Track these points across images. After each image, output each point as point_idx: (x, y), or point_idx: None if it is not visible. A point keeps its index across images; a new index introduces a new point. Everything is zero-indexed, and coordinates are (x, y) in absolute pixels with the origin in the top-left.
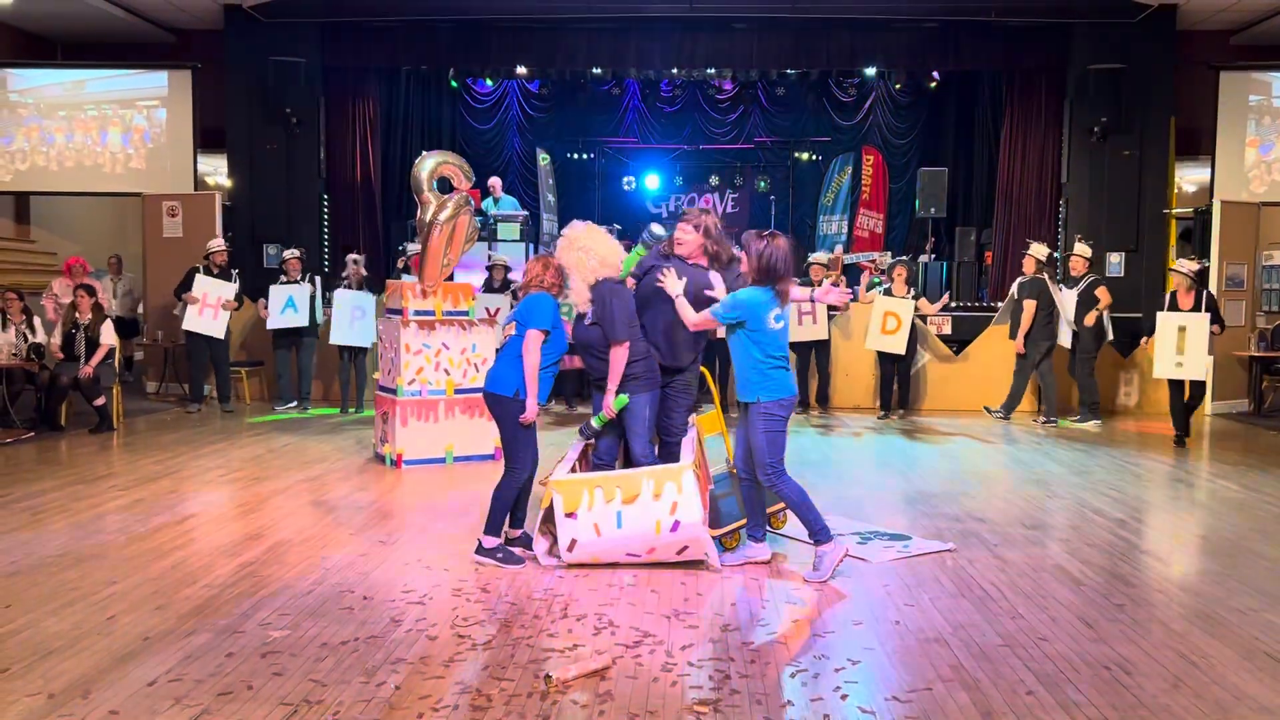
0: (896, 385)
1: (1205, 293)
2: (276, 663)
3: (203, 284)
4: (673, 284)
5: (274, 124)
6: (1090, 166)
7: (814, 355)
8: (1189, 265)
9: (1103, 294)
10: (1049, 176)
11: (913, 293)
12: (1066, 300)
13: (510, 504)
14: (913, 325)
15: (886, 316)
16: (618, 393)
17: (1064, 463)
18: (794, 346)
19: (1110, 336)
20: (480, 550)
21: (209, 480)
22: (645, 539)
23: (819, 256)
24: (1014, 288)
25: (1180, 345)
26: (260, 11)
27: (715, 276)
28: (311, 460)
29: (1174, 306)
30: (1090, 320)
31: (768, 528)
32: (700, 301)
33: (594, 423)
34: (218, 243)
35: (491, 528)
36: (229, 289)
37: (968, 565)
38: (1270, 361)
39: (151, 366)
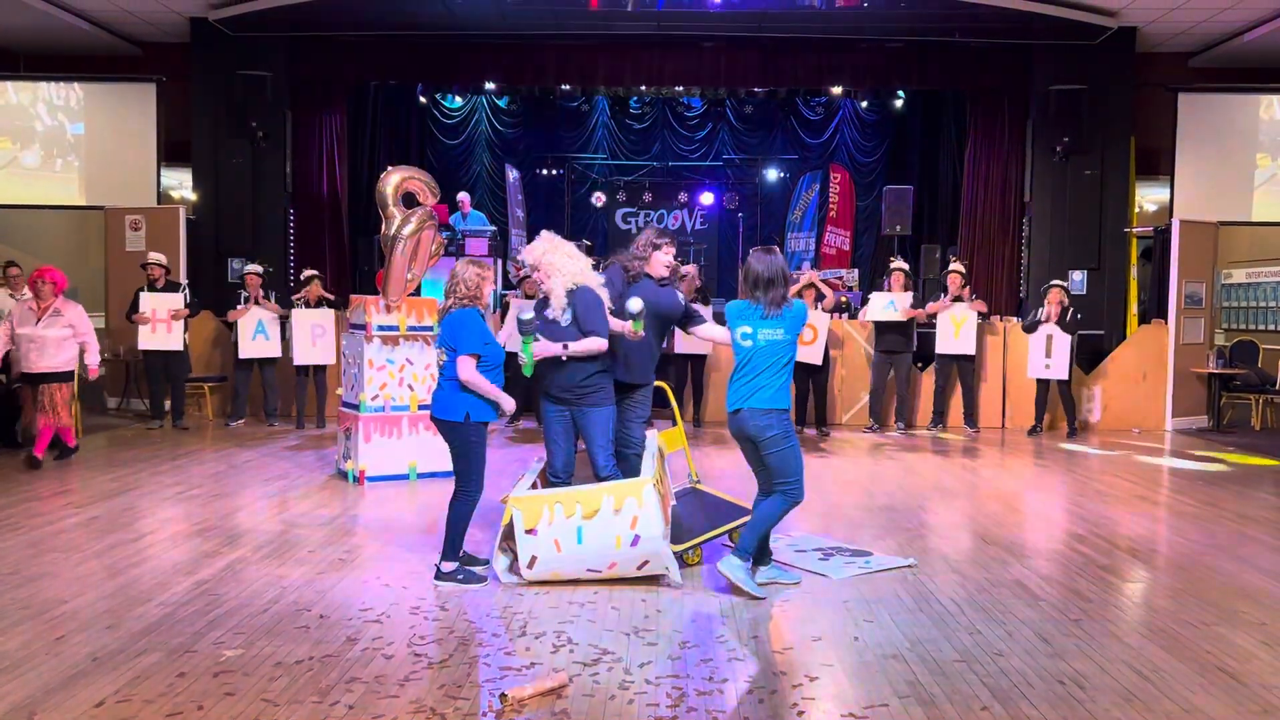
0: (813, 399)
1: (1071, 310)
2: (229, 682)
3: (148, 301)
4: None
5: (240, 138)
6: (1052, 185)
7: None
8: (1062, 290)
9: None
10: (1012, 195)
11: (821, 306)
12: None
13: (464, 527)
14: (828, 337)
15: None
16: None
17: (1024, 478)
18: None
19: None
20: (440, 575)
21: (167, 497)
22: (606, 554)
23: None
24: (904, 299)
25: (1048, 351)
26: (226, 25)
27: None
28: (272, 477)
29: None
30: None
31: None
32: (673, 320)
33: (523, 353)
34: (155, 256)
35: (449, 551)
36: (175, 299)
37: (927, 581)
38: (1228, 378)
39: (112, 382)
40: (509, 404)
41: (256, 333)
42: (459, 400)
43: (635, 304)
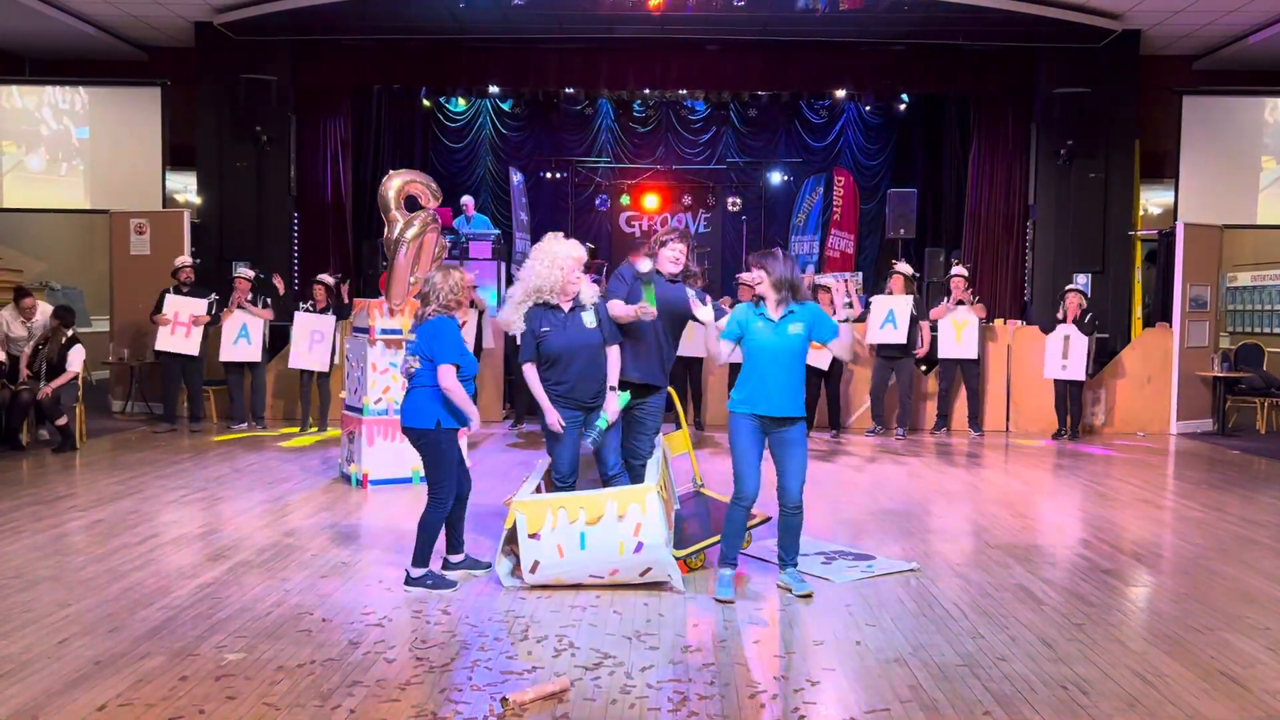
0: (825, 403)
1: (1090, 314)
2: (230, 686)
3: (173, 303)
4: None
5: (244, 142)
6: (1057, 189)
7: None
8: (1079, 294)
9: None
10: (1016, 198)
11: (841, 315)
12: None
13: (435, 535)
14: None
15: None
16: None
17: (1029, 482)
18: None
19: None
20: (409, 580)
21: (171, 500)
22: (608, 560)
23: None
24: (904, 304)
25: (1065, 352)
26: (231, 29)
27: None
28: (276, 480)
29: (1062, 320)
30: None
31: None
32: (684, 316)
33: (599, 425)
34: (183, 259)
35: (418, 559)
36: (199, 304)
37: (930, 585)
38: (1233, 382)
39: (118, 385)
40: (476, 422)
41: (239, 336)
42: (430, 408)
43: (645, 264)
